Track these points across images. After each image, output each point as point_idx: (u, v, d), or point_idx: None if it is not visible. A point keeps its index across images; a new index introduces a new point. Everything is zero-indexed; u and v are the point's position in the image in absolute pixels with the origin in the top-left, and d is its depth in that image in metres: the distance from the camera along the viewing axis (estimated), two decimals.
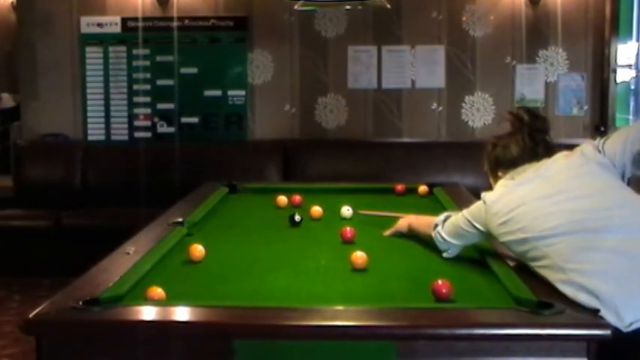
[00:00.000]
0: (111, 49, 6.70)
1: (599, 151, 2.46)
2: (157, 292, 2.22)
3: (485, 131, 6.52)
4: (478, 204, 2.60)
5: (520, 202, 2.41)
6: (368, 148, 6.60)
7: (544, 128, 2.68)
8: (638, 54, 6.73)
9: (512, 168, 2.62)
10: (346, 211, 3.62)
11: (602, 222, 2.27)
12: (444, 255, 2.77)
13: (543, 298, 2.12)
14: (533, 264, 2.38)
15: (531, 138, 2.64)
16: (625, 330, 2.07)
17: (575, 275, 2.19)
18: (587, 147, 2.49)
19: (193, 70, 6.69)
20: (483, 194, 2.58)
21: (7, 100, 9.19)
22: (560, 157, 2.52)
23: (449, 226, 2.74)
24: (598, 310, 2.09)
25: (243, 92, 6.71)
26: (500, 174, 2.68)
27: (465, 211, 2.67)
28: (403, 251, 2.96)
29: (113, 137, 6.75)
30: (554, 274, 2.25)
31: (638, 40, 6.78)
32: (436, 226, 2.79)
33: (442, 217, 2.81)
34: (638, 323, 2.09)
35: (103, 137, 6.75)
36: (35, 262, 5.95)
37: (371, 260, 2.63)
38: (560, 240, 2.27)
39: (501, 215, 2.44)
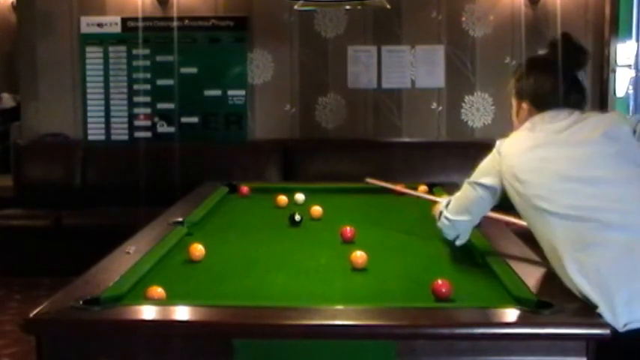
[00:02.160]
0: (111, 49, 6.71)
1: (635, 132, 2.36)
2: (157, 291, 2.22)
3: (485, 131, 6.53)
4: (489, 158, 2.52)
5: (540, 166, 2.34)
6: (368, 148, 6.60)
7: (583, 62, 2.53)
8: (637, 54, 6.73)
9: (538, 107, 2.49)
10: (299, 197, 3.89)
11: (618, 216, 2.21)
12: (457, 243, 2.69)
13: (543, 297, 2.12)
14: (537, 235, 2.34)
15: (566, 79, 2.48)
16: (620, 330, 2.07)
17: (578, 266, 2.17)
18: (623, 125, 2.37)
19: (193, 70, 6.70)
20: (499, 142, 2.51)
21: (7, 100, 9.20)
22: (591, 123, 2.39)
23: (453, 204, 2.66)
24: (596, 307, 2.09)
25: (243, 92, 6.71)
26: (524, 105, 2.55)
27: (467, 180, 2.60)
28: (403, 251, 2.96)
29: (113, 137, 6.76)
30: (557, 257, 2.23)
31: (637, 40, 6.78)
32: (440, 214, 2.70)
33: (444, 201, 2.74)
34: (632, 324, 2.08)
35: (103, 137, 6.76)
36: (35, 262, 5.96)
37: (371, 260, 2.63)
38: (573, 224, 2.23)
39: (519, 171, 2.37)
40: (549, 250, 2.30)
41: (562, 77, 2.47)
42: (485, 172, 2.53)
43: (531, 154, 2.39)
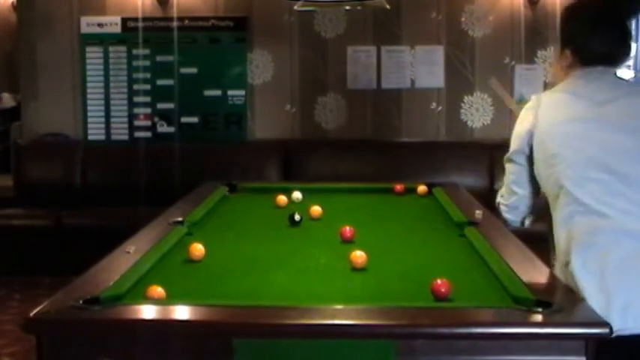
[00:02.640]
0: (111, 49, 6.71)
1: None
2: (157, 291, 2.22)
3: (484, 131, 6.53)
4: (521, 117, 2.42)
5: (576, 145, 2.25)
6: (367, 148, 6.61)
7: (636, 10, 2.39)
8: (637, 54, 6.74)
9: (582, 59, 2.36)
10: (297, 195, 3.92)
11: (637, 223, 2.17)
12: (526, 224, 2.58)
13: (542, 297, 2.12)
14: (553, 211, 2.29)
15: (615, 31, 2.33)
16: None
17: (583, 261, 2.16)
18: None
19: (193, 70, 6.70)
20: (535, 98, 2.40)
21: (8, 100, 9.20)
22: (637, 106, 2.29)
23: (503, 189, 2.56)
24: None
25: (242, 92, 6.72)
26: (567, 52, 2.41)
27: (505, 158, 2.52)
28: (402, 250, 2.96)
29: (113, 137, 6.76)
30: (566, 243, 2.22)
31: (637, 41, 6.78)
32: (499, 205, 2.60)
33: (499, 193, 2.63)
34: (621, 332, 2.08)
35: (103, 137, 6.77)
36: (35, 261, 5.97)
37: (370, 259, 2.63)
38: (591, 218, 2.20)
39: (552, 141, 2.29)
40: (562, 231, 2.27)
41: (611, 28, 2.33)
42: (516, 137, 2.44)
43: (569, 127, 2.29)
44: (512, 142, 2.49)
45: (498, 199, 2.63)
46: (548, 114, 2.35)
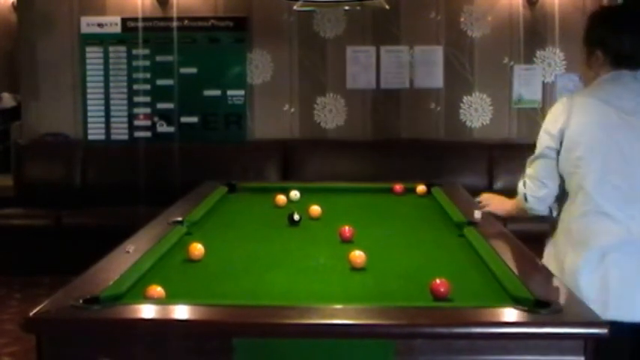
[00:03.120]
0: (111, 49, 6.72)
1: None
2: (157, 290, 2.22)
3: (483, 131, 6.53)
4: (552, 118, 2.48)
5: (603, 150, 2.35)
6: (367, 148, 6.62)
7: None
8: None
9: (613, 62, 2.44)
10: (295, 194, 3.96)
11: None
12: (554, 215, 2.61)
13: (541, 296, 2.13)
14: (567, 207, 2.35)
15: None
16: None
17: (585, 261, 2.19)
18: None
19: (193, 70, 6.71)
20: (568, 100, 2.45)
21: (8, 100, 9.20)
22: None
23: (530, 184, 2.60)
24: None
25: (242, 92, 6.72)
26: (599, 53, 2.48)
27: (530, 158, 2.58)
28: (402, 250, 2.97)
29: (113, 137, 6.77)
30: (573, 239, 2.26)
31: None
32: (525, 197, 2.64)
33: (520, 184, 2.67)
34: (616, 318, 2.11)
35: (103, 137, 6.77)
36: (35, 261, 5.97)
37: (369, 259, 2.64)
38: (605, 221, 2.27)
39: (579, 144, 2.38)
40: (572, 226, 2.32)
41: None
42: (547, 134, 2.49)
43: (598, 133, 2.38)
44: (542, 139, 2.54)
45: (524, 190, 2.65)
46: (580, 117, 2.42)
